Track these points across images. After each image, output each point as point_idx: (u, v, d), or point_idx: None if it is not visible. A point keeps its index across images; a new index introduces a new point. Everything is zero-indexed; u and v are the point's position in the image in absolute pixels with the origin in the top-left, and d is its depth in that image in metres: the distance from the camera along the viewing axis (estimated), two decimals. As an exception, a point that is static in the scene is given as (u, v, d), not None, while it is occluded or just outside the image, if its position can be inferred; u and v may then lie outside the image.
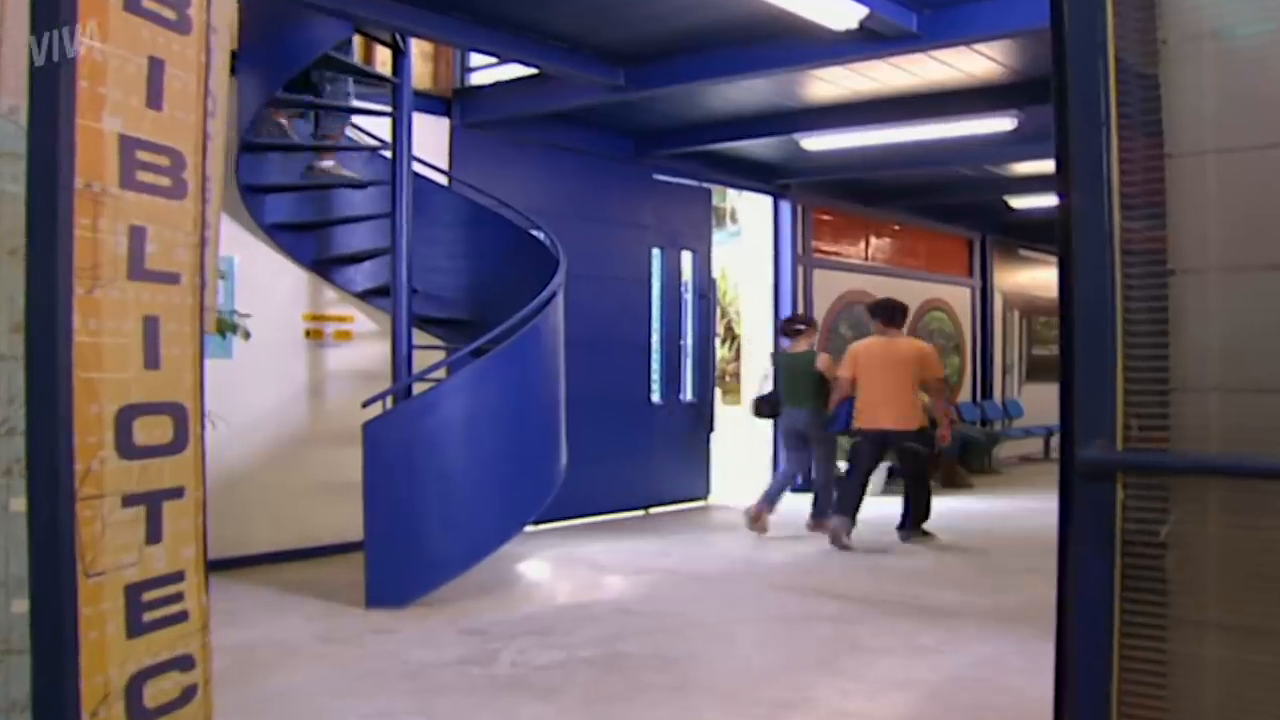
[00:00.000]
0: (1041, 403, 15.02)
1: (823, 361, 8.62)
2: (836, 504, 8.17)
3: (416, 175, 6.90)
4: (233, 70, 6.46)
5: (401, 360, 6.66)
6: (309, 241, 7.25)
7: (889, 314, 8.31)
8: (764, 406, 9.06)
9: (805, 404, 8.61)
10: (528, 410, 6.41)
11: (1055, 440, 12.99)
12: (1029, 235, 15.00)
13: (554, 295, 6.50)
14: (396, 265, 6.62)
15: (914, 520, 8.39)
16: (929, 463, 8.43)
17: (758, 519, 8.53)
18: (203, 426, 2.05)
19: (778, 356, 9.22)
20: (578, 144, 8.94)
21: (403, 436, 5.95)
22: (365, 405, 6.04)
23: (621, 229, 9.44)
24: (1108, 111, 2.07)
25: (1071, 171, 2.15)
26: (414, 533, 5.92)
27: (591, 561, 7.43)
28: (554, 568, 7.30)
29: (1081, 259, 2.15)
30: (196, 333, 2.01)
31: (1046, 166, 10.51)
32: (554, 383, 6.61)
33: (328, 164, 6.91)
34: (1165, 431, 2.08)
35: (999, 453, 13.54)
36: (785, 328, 9.03)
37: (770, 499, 8.62)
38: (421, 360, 6.91)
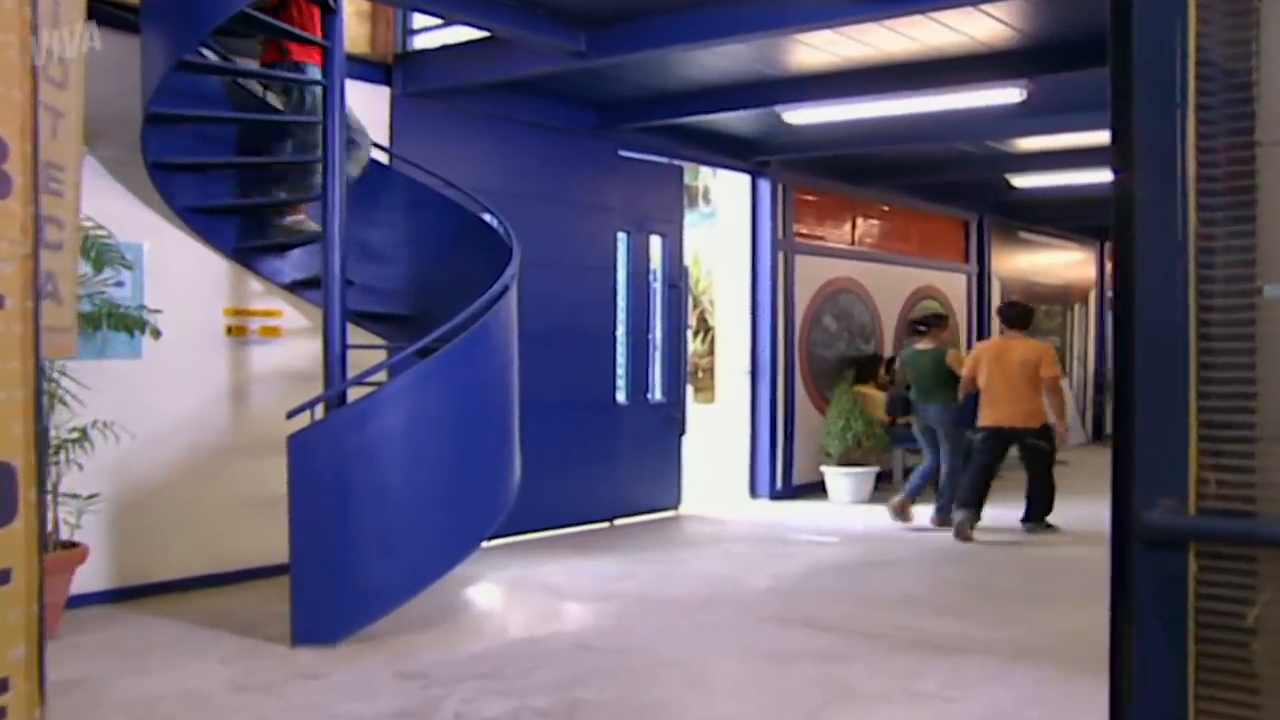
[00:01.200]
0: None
1: (953, 357, 9.61)
2: (959, 498, 9.07)
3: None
4: (136, 29, 6.11)
5: (334, 361, 6.34)
6: (230, 227, 6.91)
7: (1023, 318, 9.35)
8: (897, 405, 10.48)
9: (934, 400, 9.59)
10: (478, 417, 6.15)
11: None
12: (1031, 216, 15.01)
13: (506, 289, 6.21)
14: (329, 254, 6.30)
15: (1037, 513, 9.35)
16: (1050, 457, 9.28)
17: (903, 510, 9.53)
18: (41, 491, 1.73)
19: (905, 355, 10.19)
20: (534, 117, 8.72)
21: (334, 450, 5.65)
22: (291, 416, 5.70)
23: (583, 211, 9.24)
24: (1183, 86, 1.77)
25: (1133, 152, 1.85)
26: (347, 560, 5.62)
27: (548, 586, 7.16)
28: (506, 594, 7.03)
29: (1145, 262, 1.86)
30: (29, 371, 1.68)
31: (1054, 142, 10.48)
32: (507, 385, 6.34)
33: (297, 218, 6.68)
34: (1250, 490, 1.79)
35: None
36: (912, 326, 10.17)
37: (913, 492, 9.65)
38: (359, 361, 6.60)
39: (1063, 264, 16.68)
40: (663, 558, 8.17)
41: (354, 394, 6.19)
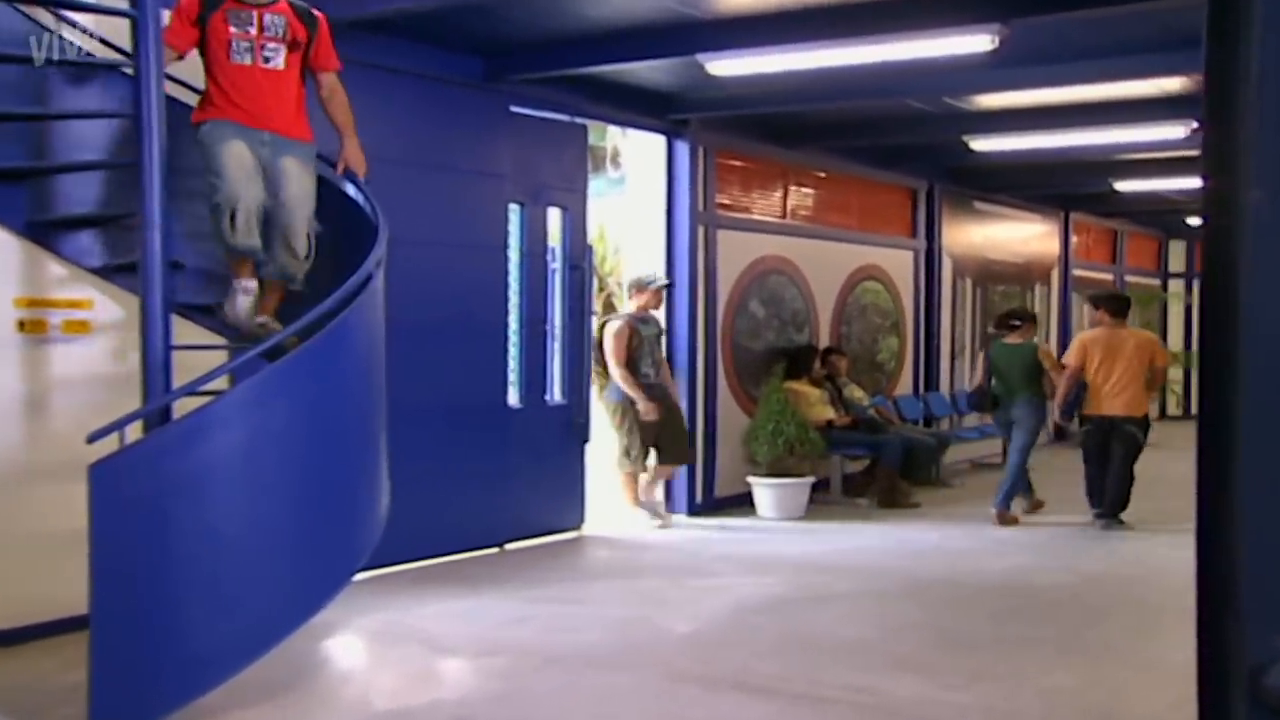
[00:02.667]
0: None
1: (1044, 353, 11.00)
2: (1109, 503, 10.31)
3: (174, 103, 6.03)
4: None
5: (154, 367, 5.76)
6: (19, 196, 6.36)
7: (1120, 306, 10.69)
8: (981, 400, 11.40)
9: (1020, 394, 10.83)
10: (337, 432, 5.71)
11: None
12: (988, 183, 15.14)
13: (370, 277, 5.75)
14: (147, 231, 5.74)
15: (1113, 508, 10.38)
16: (1140, 450, 10.40)
17: (1003, 518, 10.64)
18: None
19: (995, 349, 11.32)
20: (406, 64, 8.39)
21: (151, 480, 5.12)
22: (93, 440, 5.17)
23: (467, 179, 8.96)
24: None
25: (1243, 150, 1.47)
26: (166, 618, 5.11)
27: (425, 635, 6.76)
28: (372, 648, 6.61)
29: (1258, 297, 1.48)
30: None
31: (1022, 99, 10.44)
32: (373, 391, 5.92)
33: (262, 319, 6.13)
34: None
35: (948, 459, 13.45)
36: (1003, 321, 11.43)
37: (1008, 496, 10.76)
38: (191, 366, 6.06)
39: (1023, 238, 16.85)
40: (563, 594, 7.88)
41: (183, 407, 5.67)
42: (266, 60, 6.01)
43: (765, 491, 10.88)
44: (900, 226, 14.29)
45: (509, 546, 9.25)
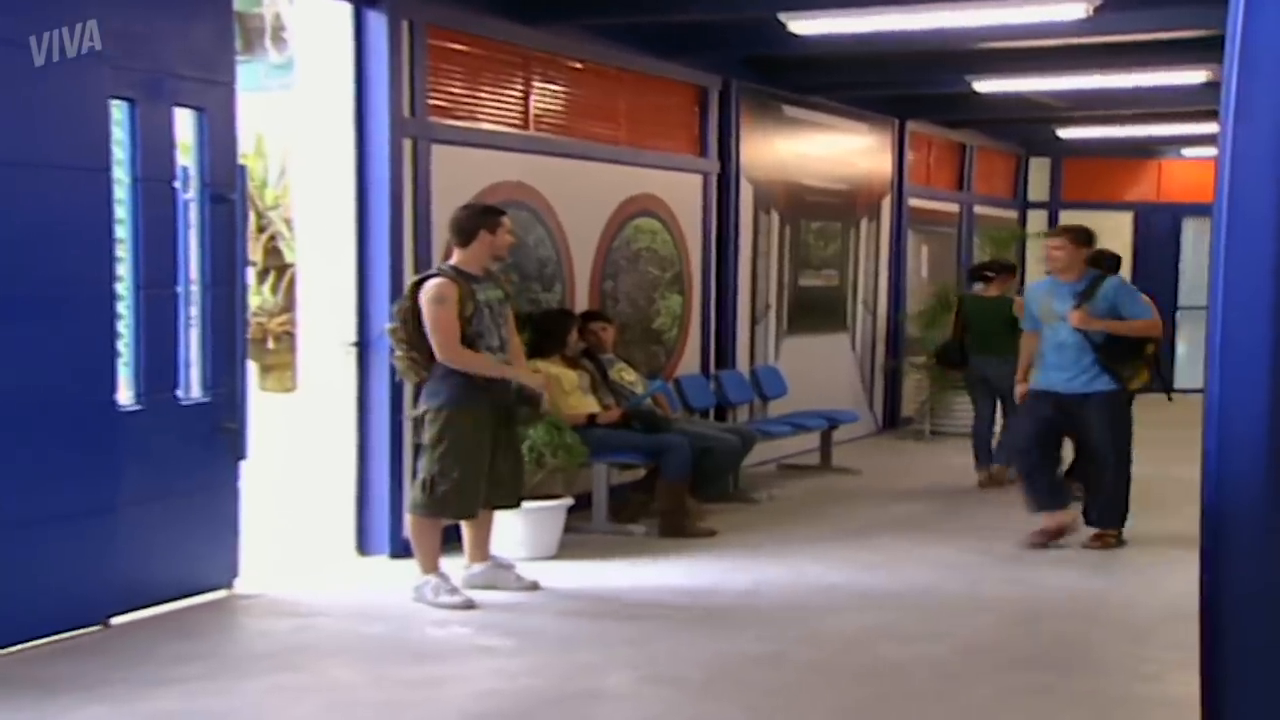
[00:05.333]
0: (812, 370, 15.51)
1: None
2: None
3: None
4: None
5: None
6: None
7: (1113, 266, 11.97)
8: (954, 355, 13.80)
9: (996, 352, 12.98)
10: None
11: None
12: (803, 81, 15.29)
13: None
14: None
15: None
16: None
17: (991, 479, 13.31)
18: None
19: (966, 302, 13.91)
20: None
21: None
22: None
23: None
24: None
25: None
26: None
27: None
28: None
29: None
30: None
31: None
32: None
33: None
34: None
35: (749, 462, 13.34)
36: (976, 272, 13.75)
37: (985, 459, 13.52)
38: None
39: (846, 156, 17.03)
40: (196, 704, 7.16)
41: None
42: None
43: (505, 521, 10.29)
44: (685, 140, 14.15)
45: (118, 621, 8.60)
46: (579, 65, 12.56)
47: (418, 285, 9.37)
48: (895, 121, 17.69)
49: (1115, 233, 19.94)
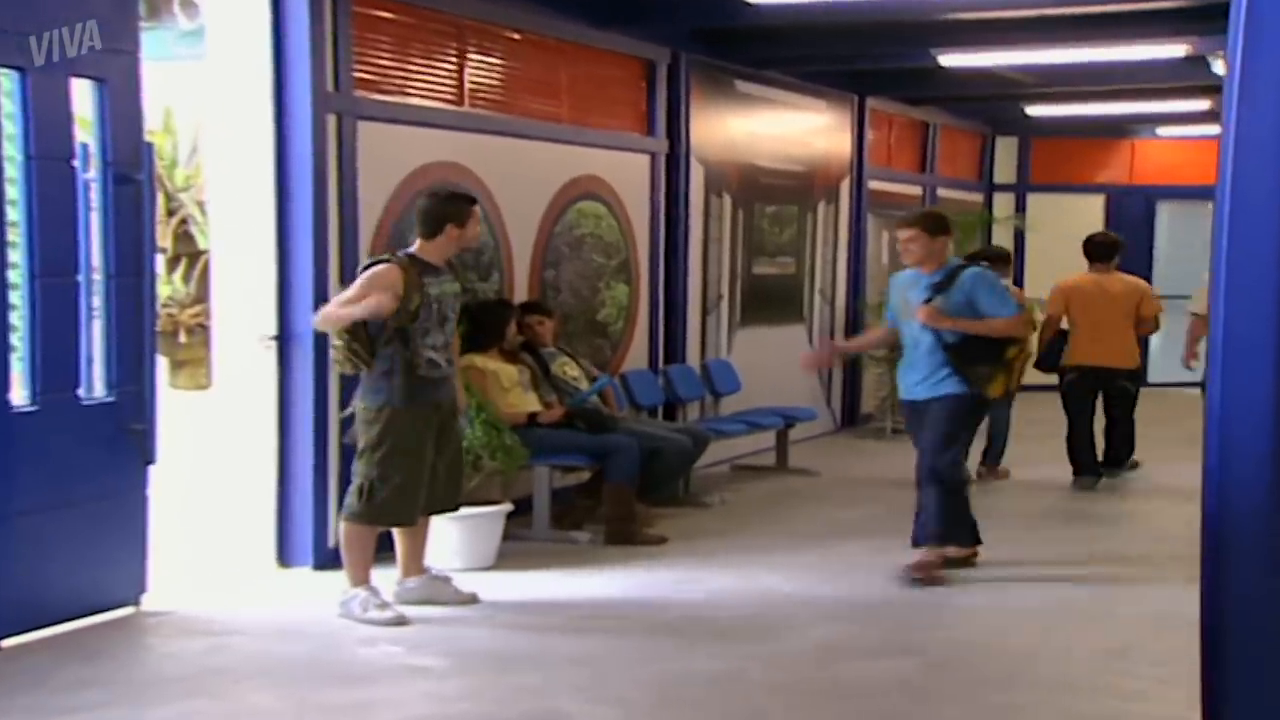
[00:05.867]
0: (767, 364, 15.44)
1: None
2: (1078, 465, 13.75)
3: None
4: None
5: None
6: None
7: (1110, 252, 13.67)
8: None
9: None
10: None
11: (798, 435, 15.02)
12: (758, 54, 15.26)
13: None
14: None
15: (1121, 458, 14.02)
16: (1135, 401, 13.89)
17: (993, 473, 14.12)
18: None
19: None
20: None
21: None
22: None
23: None
24: None
25: None
26: None
27: None
28: None
29: None
30: None
31: None
32: None
33: None
34: None
35: (702, 464, 13.34)
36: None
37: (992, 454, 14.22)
38: None
39: (802, 135, 17.01)
40: None
41: None
42: None
43: (439, 529, 10.12)
44: (631, 118, 14.11)
45: (9, 644, 8.44)
46: (517, 36, 12.49)
47: (367, 270, 9.21)
48: (854, 98, 17.63)
49: (1086, 217, 19.94)
